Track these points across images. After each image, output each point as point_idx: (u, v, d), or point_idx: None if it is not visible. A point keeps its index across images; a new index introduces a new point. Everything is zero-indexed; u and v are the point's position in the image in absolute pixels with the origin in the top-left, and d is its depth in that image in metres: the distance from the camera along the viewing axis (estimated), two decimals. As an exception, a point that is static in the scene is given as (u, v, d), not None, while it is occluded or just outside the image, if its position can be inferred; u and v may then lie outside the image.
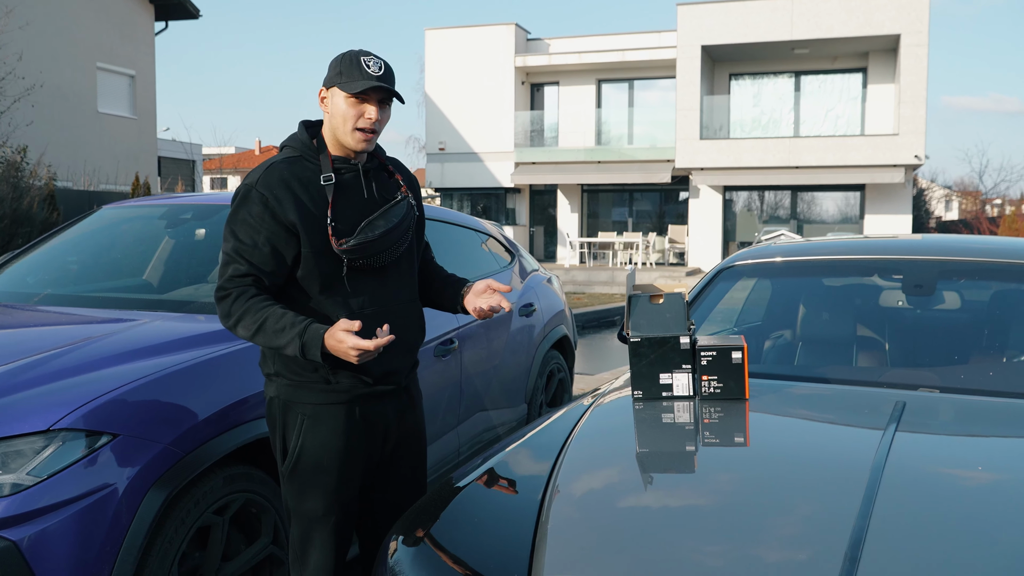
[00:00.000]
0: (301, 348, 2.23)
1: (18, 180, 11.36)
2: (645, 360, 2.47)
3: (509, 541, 1.75)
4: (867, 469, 1.81)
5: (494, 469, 2.18)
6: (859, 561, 1.46)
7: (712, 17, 24.15)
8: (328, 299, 2.38)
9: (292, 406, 2.43)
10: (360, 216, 2.39)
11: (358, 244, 2.34)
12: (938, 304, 3.13)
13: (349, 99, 2.35)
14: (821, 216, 25.47)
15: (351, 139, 2.38)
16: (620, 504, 1.86)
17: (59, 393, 2.48)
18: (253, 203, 2.35)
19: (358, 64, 2.34)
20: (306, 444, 2.41)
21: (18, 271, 4.00)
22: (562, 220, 27.75)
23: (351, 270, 2.37)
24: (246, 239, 2.33)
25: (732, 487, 1.91)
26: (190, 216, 4.12)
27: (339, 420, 2.41)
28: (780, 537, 1.62)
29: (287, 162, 2.41)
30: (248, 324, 2.29)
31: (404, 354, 2.53)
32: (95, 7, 22.71)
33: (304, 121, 2.52)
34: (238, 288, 2.32)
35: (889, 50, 24.27)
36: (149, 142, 25.18)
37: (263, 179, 2.37)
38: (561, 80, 27.85)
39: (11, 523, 2.24)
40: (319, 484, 2.41)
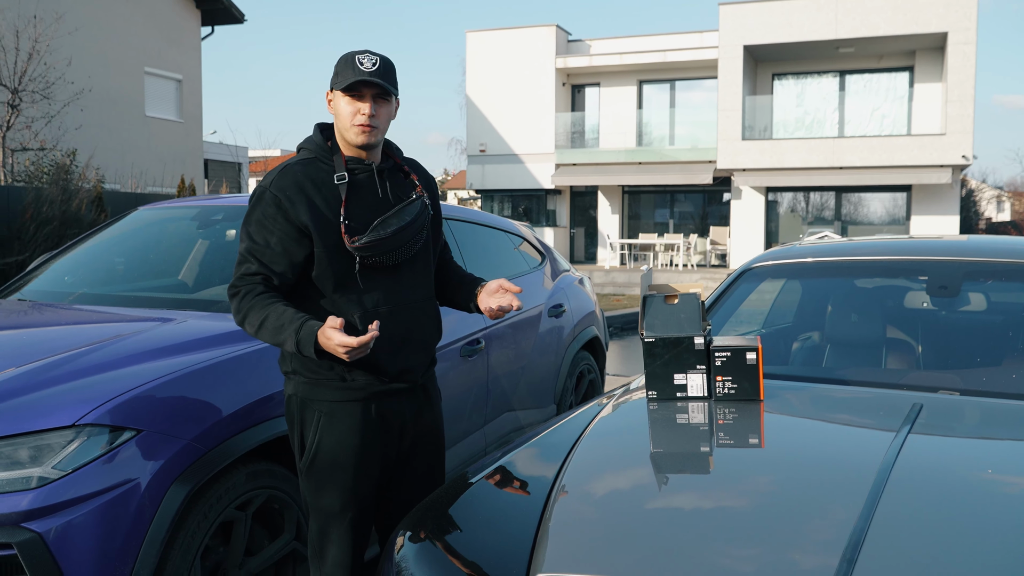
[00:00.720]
0: (296, 345, 2.26)
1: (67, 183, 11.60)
2: (659, 360, 2.46)
3: (512, 538, 1.77)
4: (874, 470, 1.80)
5: (503, 467, 2.20)
6: (856, 562, 1.45)
7: (755, 16, 23.91)
8: (342, 297, 2.41)
9: (309, 403, 2.47)
10: (374, 215, 2.43)
11: (370, 241, 2.38)
12: (962, 306, 3.08)
13: (345, 97, 2.40)
14: (866, 217, 25.09)
15: (351, 134, 2.42)
16: (623, 502, 1.87)
17: (85, 389, 2.54)
18: (267, 204, 2.40)
19: (352, 63, 2.39)
20: (323, 441, 2.45)
21: (57, 271, 4.11)
22: (603, 221, 27.67)
23: (364, 268, 2.40)
24: (259, 239, 2.39)
25: (737, 487, 1.91)
26: (221, 217, 4.20)
27: (355, 417, 2.45)
28: (780, 536, 1.62)
29: (302, 164, 2.46)
30: (253, 320, 2.34)
31: (419, 352, 2.55)
32: (143, 13, 23.15)
33: (319, 124, 2.57)
34: (247, 286, 2.37)
35: (936, 48, 23.85)
36: (195, 145, 25.59)
37: (277, 181, 2.42)
38: (602, 81, 27.78)
39: (37, 515, 2.30)
40: (336, 480, 2.45)
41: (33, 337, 3.20)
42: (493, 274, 4.77)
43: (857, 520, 1.59)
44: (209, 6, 24.87)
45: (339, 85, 2.39)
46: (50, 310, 3.59)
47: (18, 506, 2.29)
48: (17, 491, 2.32)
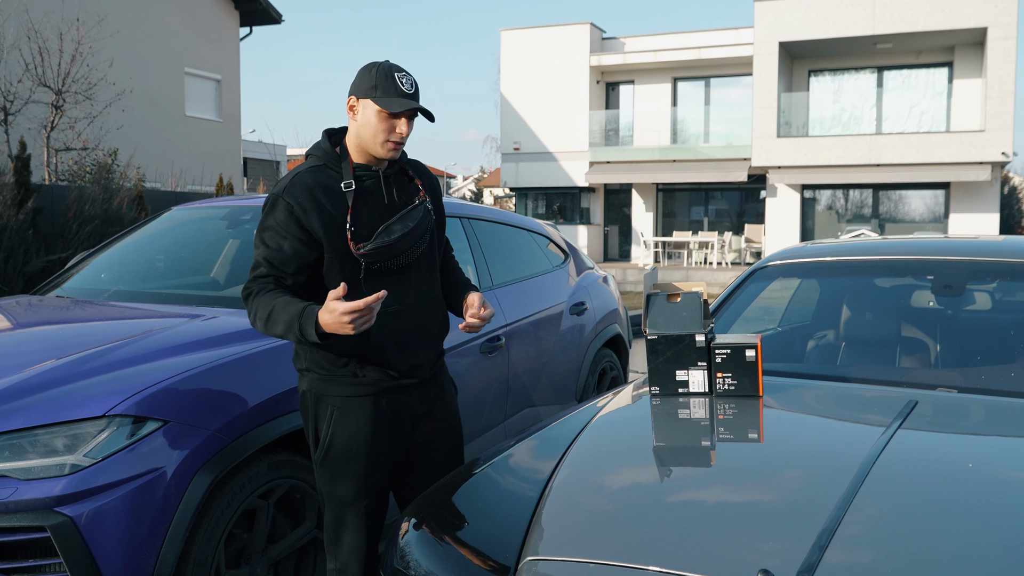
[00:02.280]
0: (300, 329, 2.32)
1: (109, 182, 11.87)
2: (662, 357, 2.54)
3: (509, 524, 1.86)
4: (857, 463, 1.86)
5: (505, 457, 2.29)
6: (826, 548, 1.53)
7: (790, 13, 23.75)
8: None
9: (323, 398, 2.57)
10: (379, 221, 2.51)
11: (375, 248, 2.46)
12: (966, 305, 3.12)
13: (382, 113, 2.46)
14: (905, 215, 24.81)
15: (382, 150, 2.50)
16: (615, 491, 1.96)
17: (115, 382, 2.68)
18: (279, 211, 2.49)
19: (393, 81, 2.45)
20: (336, 434, 2.55)
21: (93, 268, 4.27)
22: (637, 219, 27.64)
23: (369, 272, 2.49)
24: (272, 244, 2.48)
25: (726, 479, 1.99)
26: (250, 217, 4.33)
27: (367, 411, 2.55)
28: (759, 524, 1.70)
29: (311, 171, 2.54)
30: (261, 316, 2.42)
31: (427, 348, 2.65)
32: (183, 15, 23.55)
33: (327, 130, 2.64)
34: (258, 287, 2.46)
35: (976, 44, 23.51)
36: (234, 144, 25.98)
37: (288, 188, 2.50)
38: (636, 79, 27.75)
39: (69, 500, 2.44)
40: (349, 471, 2.55)
41: (69, 332, 3.35)
42: (517, 272, 4.87)
43: (833, 510, 1.66)
44: (247, 7, 25.22)
45: (385, 105, 2.43)
46: (86, 306, 3.74)
47: (52, 491, 2.43)
48: (51, 477, 2.46)
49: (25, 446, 2.50)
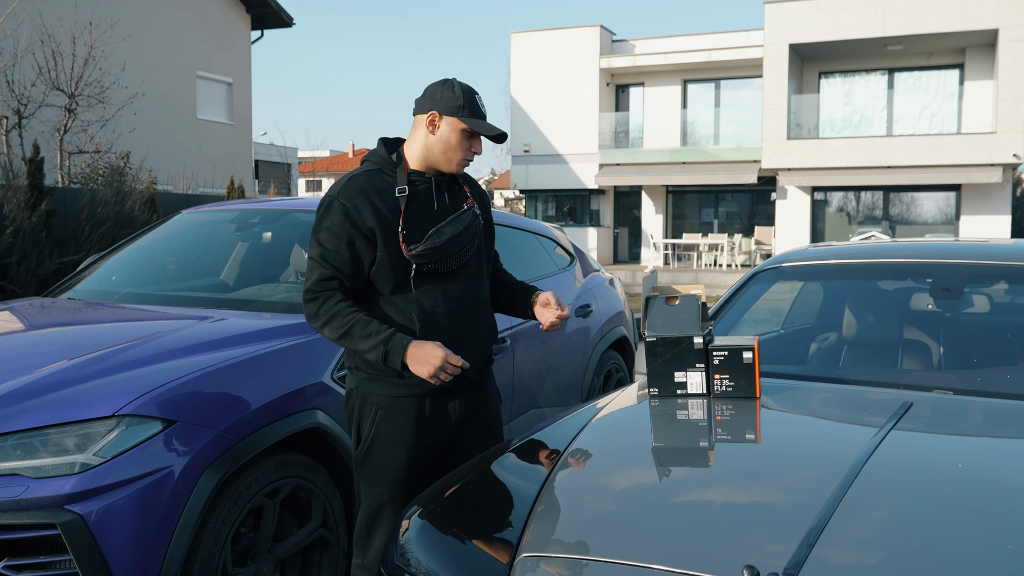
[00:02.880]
0: (384, 355, 2.46)
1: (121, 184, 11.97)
2: (660, 359, 2.58)
3: (507, 521, 1.90)
4: (848, 464, 1.90)
5: (504, 457, 2.33)
6: (814, 546, 1.56)
7: (801, 15, 23.71)
8: (400, 298, 2.59)
9: (368, 397, 2.65)
10: (430, 225, 2.60)
11: (426, 250, 2.55)
12: (964, 308, 3.14)
13: (465, 132, 2.59)
14: (915, 217, 24.74)
15: (453, 165, 2.63)
16: (609, 489, 2.00)
17: (125, 382, 2.74)
18: (335, 212, 2.58)
19: (476, 103, 2.60)
20: (379, 432, 2.62)
21: (104, 271, 4.33)
22: (646, 221, 27.65)
23: (419, 274, 2.58)
24: (329, 245, 2.56)
25: (719, 478, 2.02)
26: (258, 220, 4.39)
27: (410, 412, 2.61)
28: (749, 522, 1.73)
29: (366, 175, 2.65)
30: (335, 327, 2.52)
31: (474, 352, 2.70)
32: (195, 19, 23.71)
33: (383, 138, 2.74)
34: (325, 292, 2.55)
35: (987, 45, 23.44)
36: (245, 147, 26.12)
37: (344, 190, 2.60)
38: (646, 81, 27.75)
39: (79, 498, 2.49)
40: (388, 471, 2.62)
41: (81, 333, 3.41)
42: (523, 275, 4.91)
43: (823, 509, 1.70)
44: (259, 10, 25.36)
45: (476, 126, 2.56)
46: (97, 308, 3.80)
47: (62, 489, 2.48)
48: (62, 475, 2.51)
49: (36, 445, 2.55)
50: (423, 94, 2.64)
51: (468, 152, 2.61)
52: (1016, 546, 1.57)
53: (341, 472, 3.25)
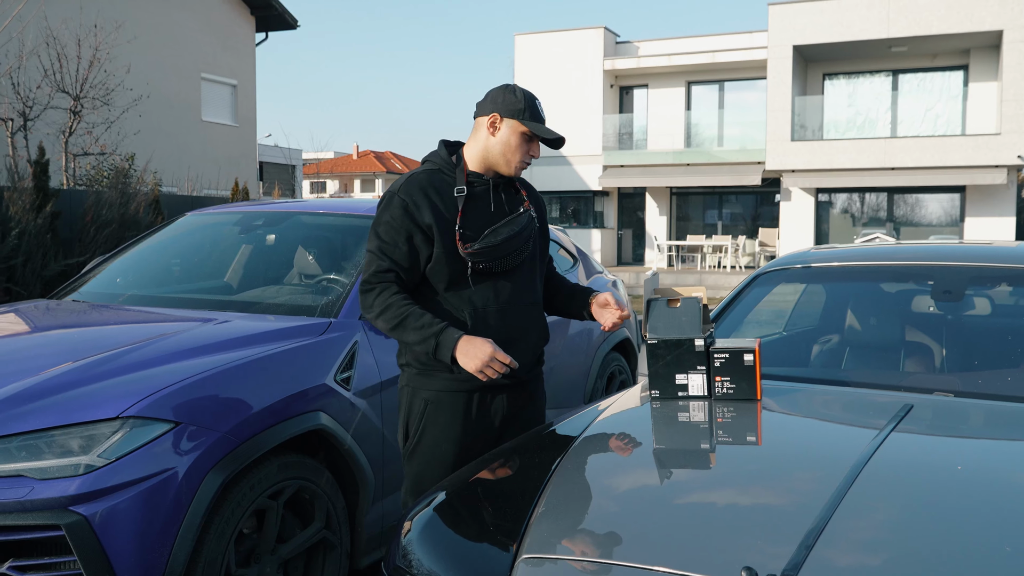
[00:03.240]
0: (435, 347, 2.52)
1: (126, 186, 12.00)
2: (662, 361, 2.59)
3: (508, 523, 1.91)
4: (848, 466, 1.91)
5: (507, 458, 2.34)
6: (812, 548, 1.57)
7: (805, 16, 23.70)
8: (454, 295, 2.64)
9: (417, 392, 2.70)
10: (486, 225, 2.66)
11: (482, 248, 2.61)
12: (965, 310, 3.15)
13: (526, 135, 2.65)
14: (920, 219, 24.71)
15: (512, 167, 2.69)
16: (610, 491, 2.01)
17: (129, 384, 2.75)
18: (395, 207, 2.64)
19: (537, 108, 2.67)
20: (427, 427, 2.67)
21: (109, 273, 4.35)
22: (650, 223, 27.65)
23: (475, 272, 2.63)
24: (388, 239, 2.63)
25: (719, 480, 2.03)
26: (262, 223, 4.41)
27: (458, 407, 2.66)
28: (748, 524, 1.74)
29: (427, 173, 2.71)
30: (389, 318, 2.57)
31: (524, 352, 2.74)
32: (199, 21, 23.76)
33: (443, 140, 2.80)
34: (381, 283, 2.61)
35: (991, 46, 23.41)
36: (250, 148, 26.16)
37: (404, 187, 2.67)
38: (650, 82, 27.76)
39: (83, 500, 2.51)
40: (436, 466, 2.65)
41: (86, 335, 3.43)
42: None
43: (822, 511, 1.71)
44: (263, 13, 25.40)
45: (540, 132, 2.62)
46: (102, 310, 3.82)
47: (67, 491, 2.50)
48: (66, 477, 2.52)
49: (41, 446, 2.57)
50: (485, 98, 2.71)
51: (526, 155, 2.67)
52: (1015, 548, 1.58)
53: (344, 473, 3.26)
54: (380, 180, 55.78)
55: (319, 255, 4.18)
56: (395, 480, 3.51)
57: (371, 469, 3.32)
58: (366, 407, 3.34)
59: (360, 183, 56.85)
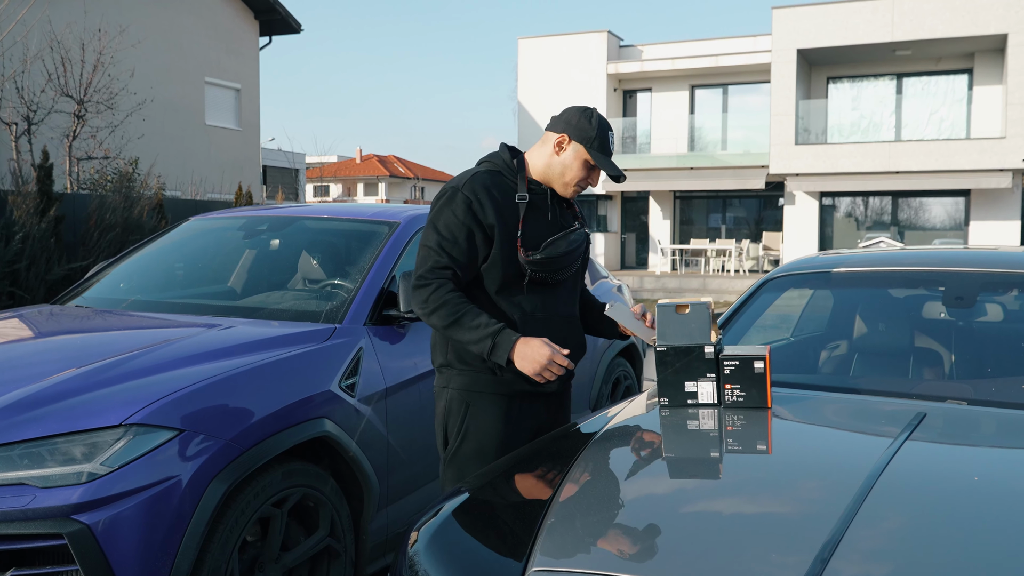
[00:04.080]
0: (491, 348, 2.49)
1: (130, 190, 12.00)
2: (671, 368, 2.56)
3: (516, 533, 1.88)
4: (863, 475, 1.87)
5: (514, 467, 2.31)
6: (829, 561, 1.54)
7: (809, 20, 23.67)
8: (504, 300, 2.63)
9: (458, 395, 2.67)
10: (543, 234, 2.66)
11: (544, 258, 2.60)
12: (977, 317, 3.11)
13: (587, 163, 2.66)
14: (924, 223, 24.65)
15: (568, 190, 2.70)
16: (620, 501, 1.98)
17: (132, 391, 2.73)
18: (458, 204, 2.61)
19: (608, 139, 2.67)
20: (470, 429, 2.65)
21: (112, 278, 4.33)
22: (654, 227, 27.61)
23: (530, 280, 2.63)
24: (447, 234, 2.60)
25: (731, 490, 2.00)
26: (266, 227, 4.38)
27: (500, 409, 2.64)
28: (762, 536, 1.71)
29: (489, 174, 2.69)
30: (444, 315, 2.54)
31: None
32: (204, 25, 23.79)
33: (505, 144, 2.79)
34: (438, 280, 2.58)
35: (996, 50, 23.36)
36: (253, 152, 26.18)
37: (469, 183, 2.63)
38: (654, 86, 27.74)
39: (86, 508, 2.48)
40: (476, 469, 2.61)
41: (89, 341, 3.41)
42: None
43: (838, 522, 1.67)
44: (267, 17, 25.44)
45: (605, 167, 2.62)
46: (105, 316, 3.80)
47: (69, 499, 2.47)
48: (69, 485, 2.50)
49: (44, 454, 2.54)
50: (561, 114, 2.71)
51: (585, 182, 2.69)
52: (1035, 562, 1.55)
53: (349, 481, 3.24)
54: (383, 184, 55.79)
55: (323, 260, 4.15)
56: (401, 487, 3.48)
57: (376, 476, 3.29)
58: (371, 414, 3.31)
59: (363, 187, 56.86)
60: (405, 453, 3.47)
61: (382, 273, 3.69)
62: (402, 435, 3.45)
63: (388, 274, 3.69)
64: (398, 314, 3.52)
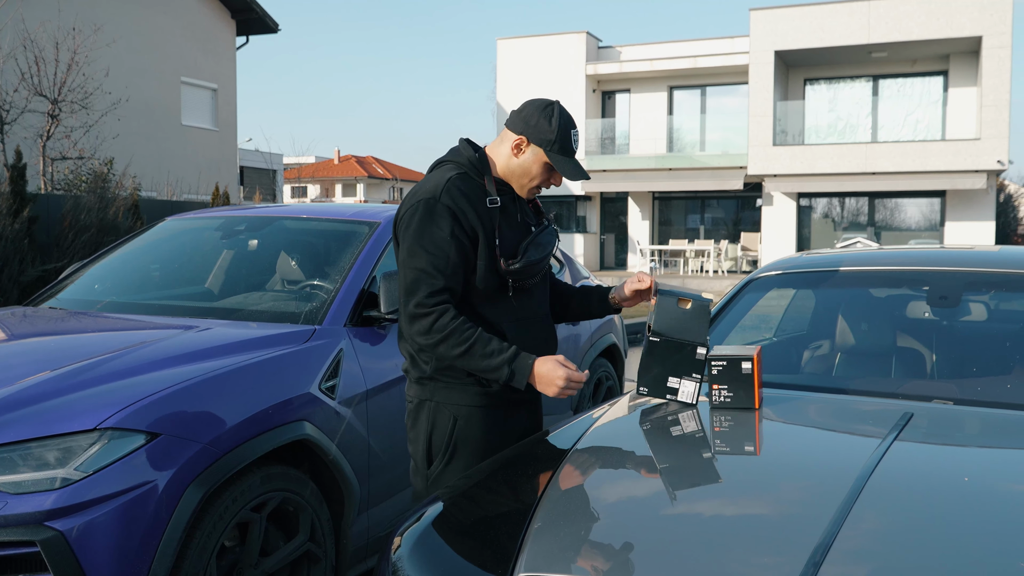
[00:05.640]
0: (510, 375, 2.37)
1: (105, 191, 11.85)
2: (658, 360, 2.52)
3: (502, 539, 1.85)
4: (853, 477, 1.85)
5: (498, 471, 2.28)
6: (822, 564, 1.52)
7: (786, 22, 23.82)
8: (489, 310, 2.50)
9: (443, 408, 2.53)
10: (516, 238, 2.54)
11: (525, 266, 2.49)
12: (962, 316, 3.11)
13: (547, 165, 2.52)
14: (900, 223, 24.87)
15: (525, 191, 2.57)
16: (606, 506, 1.95)
17: (107, 395, 2.66)
18: (441, 216, 2.42)
19: (568, 139, 2.50)
20: (459, 445, 2.52)
21: (87, 279, 4.25)
22: (633, 228, 27.67)
23: (513, 288, 2.52)
24: (438, 253, 2.41)
25: (719, 493, 1.97)
26: (244, 228, 4.32)
27: (489, 422, 2.54)
28: (753, 539, 1.69)
29: (460, 177, 2.51)
30: (453, 345, 2.38)
31: None
32: (180, 24, 23.58)
33: (465, 139, 2.63)
34: (439, 307, 2.39)
35: (971, 52, 23.60)
36: (230, 153, 25.98)
37: (447, 192, 2.45)
38: (632, 87, 27.81)
39: (60, 515, 2.42)
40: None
41: (63, 344, 3.33)
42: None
43: (829, 524, 1.65)
44: (244, 16, 25.26)
45: (564, 172, 2.48)
46: (79, 317, 3.73)
47: (42, 505, 2.41)
48: (42, 491, 2.44)
49: (16, 460, 2.48)
50: (521, 111, 2.54)
51: (546, 184, 2.56)
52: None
53: (329, 484, 3.19)
54: (361, 185, 55.58)
55: (303, 260, 4.10)
56: (381, 490, 3.44)
57: (356, 479, 3.25)
58: (352, 416, 3.26)
59: (342, 188, 56.61)
60: (386, 456, 3.43)
61: (362, 274, 3.64)
62: (383, 438, 3.41)
63: (369, 275, 3.64)
64: (379, 315, 3.45)
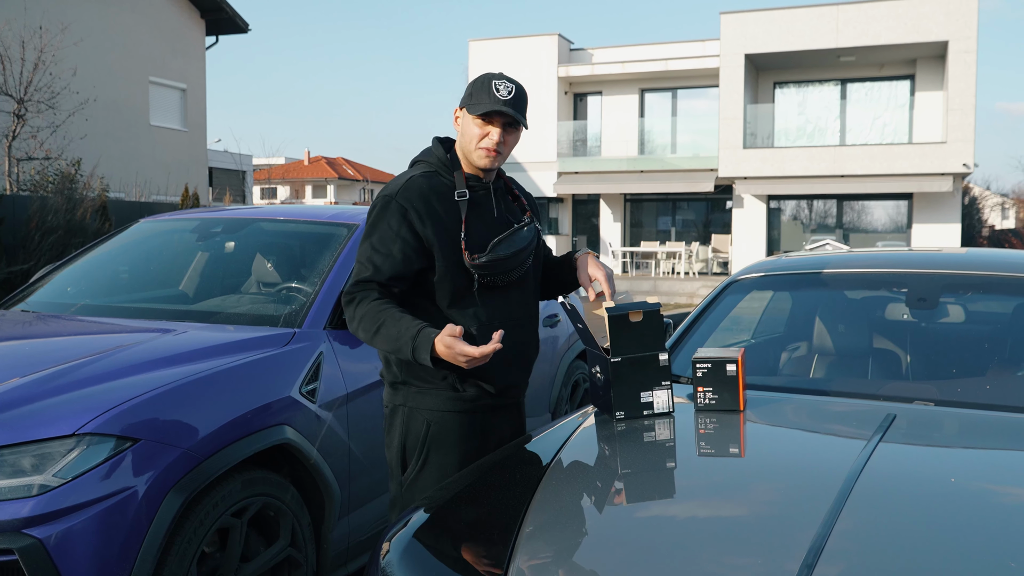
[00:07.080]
0: (412, 351, 2.31)
1: (72, 192, 11.72)
2: (626, 381, 2.48)
3: (492, 545, 1.84)
4: (841, 479, 1.86)
5: (486, 475, 2.26)
6: (815, 567, 1.52)
7: (756, 25, 24.01)
8: (457, 312, 2.48)
9: (416, 413, 2.51)
10: (489, 233, 2.50)
11: (490, 261, 2.45)
12: (940, 318, 3.15)
13: (476, 120, 2.47)
14: (868, 225, 25.17)
15: (475, 156, 2.50)
16: (596, 511, 1.94)
17: (85, 400, 2.62)
18: (392, 213, 2.46)
19: (488, 87, 2.46)
20: (432, 450, 2.50)
21: (60, 282, 4.18)
22: (605, 230, 27.74)
23: (481, 286, 2.48)
24: (381, 247, 2.45)
25: (708, 496, 1.98)
26: (220, 229, 4.28)
27: (464, 428, 2.51)
28: (745, 542, 1.69)
29: (424, 176, 2.52)
30: (367, 326, 2.39)
31: (523, 370, 2.64)
32: (148, 24, 23.32)
33: (437, 137, 2.62)
34: (362, 292, 2.44)
35: (937, 57, 23.93)
36: (200, 154, 25.73)
37: (403, 191, 2.48)
38: (604, 90, 27.88)
39: (38, 522, 2.38)
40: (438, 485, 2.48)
41: (36, 348, 3.28)
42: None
43: (820, 527, 1.66)
44: (213, 16, 25.04)
45: (473, 110, 2.45)
46: (53, 321, 3.67)
47: (19, 513, 2.36)
48: (19, 498, 2.39)
49: (-9, 466, 2.43)
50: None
51: (483, 139, 2.46)
52: (1020, 564, 1.55)
53: (310, 489, 3.16)
54: (332, 186, 55.28)
55: (280, 263, 4.06)
56: (362, 494, 3.41)
57: (337, 484, 3.22)
58: (332, 420, 3.24)
59: (312, 189, 56.27)
60: (366, 460, 3.40)
61: (342, 276, 3.61)
62: (363, 441, 3.38)
63: (348, 277, 3.62)
64: (359, 318, 3.43)
